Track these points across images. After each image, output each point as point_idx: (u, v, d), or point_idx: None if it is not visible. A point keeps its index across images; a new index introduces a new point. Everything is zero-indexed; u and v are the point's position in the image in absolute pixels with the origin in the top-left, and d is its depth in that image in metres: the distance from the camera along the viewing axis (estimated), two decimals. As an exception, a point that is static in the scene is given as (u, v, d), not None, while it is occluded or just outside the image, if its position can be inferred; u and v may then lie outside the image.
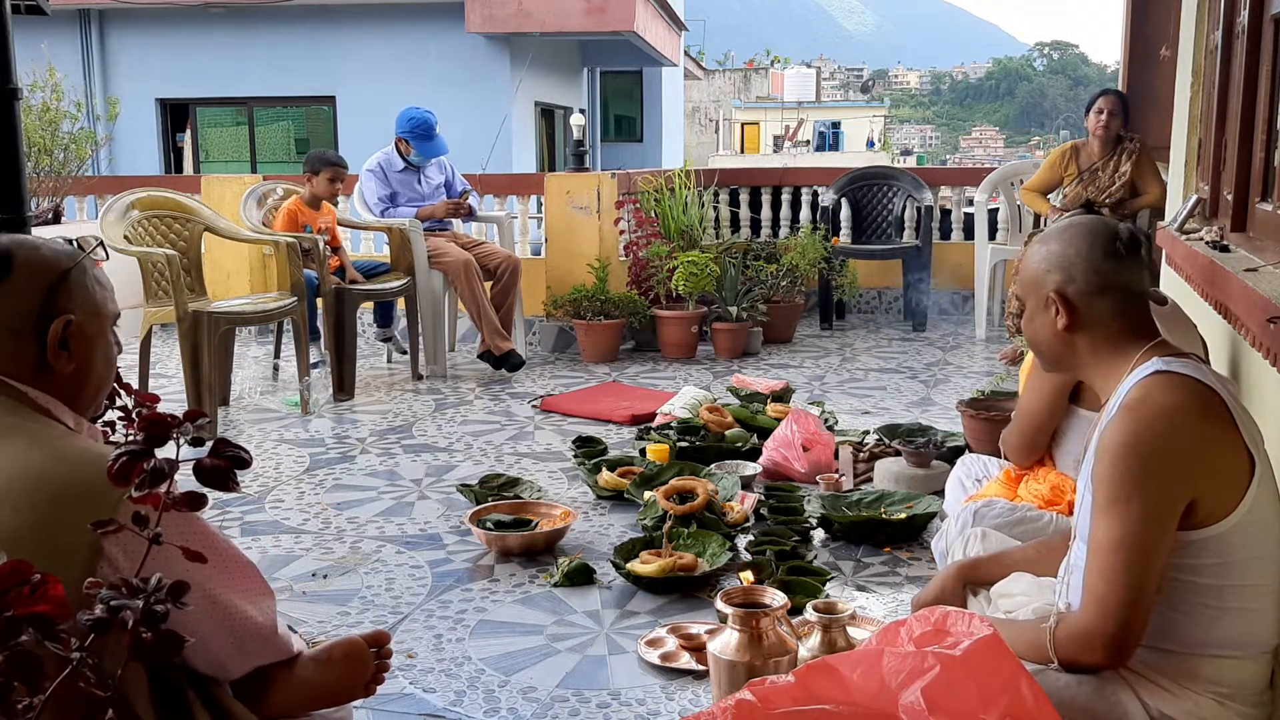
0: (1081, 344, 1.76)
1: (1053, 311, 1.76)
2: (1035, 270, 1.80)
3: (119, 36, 14.30)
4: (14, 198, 2.67)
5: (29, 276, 1.43)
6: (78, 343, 1.45)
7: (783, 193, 8.10)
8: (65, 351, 1.44)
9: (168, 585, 1.02)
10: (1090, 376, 1.80)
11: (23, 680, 0.86)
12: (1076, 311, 1.74)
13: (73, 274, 1.46)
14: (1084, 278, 1.73)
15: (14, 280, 1.42)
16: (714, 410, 4.53)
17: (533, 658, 2.69)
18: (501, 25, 13.34)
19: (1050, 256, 1.77)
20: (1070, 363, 1.81)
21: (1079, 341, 1.76)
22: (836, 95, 77.20)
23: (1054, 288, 1.75)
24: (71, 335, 1.44)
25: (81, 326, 1.45)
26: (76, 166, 6.52)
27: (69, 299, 1.44)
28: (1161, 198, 5.39)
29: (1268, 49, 2.77)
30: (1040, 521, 2.49)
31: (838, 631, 2.29)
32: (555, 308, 6.53)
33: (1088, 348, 1.76)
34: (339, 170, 5.73)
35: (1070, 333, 1.76)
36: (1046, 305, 1.77)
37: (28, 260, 1.43)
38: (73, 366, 1.45)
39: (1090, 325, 1.74)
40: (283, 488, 4.06)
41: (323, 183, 5.69)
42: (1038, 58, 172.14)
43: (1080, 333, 1.75)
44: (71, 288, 1.45)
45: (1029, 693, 1.41)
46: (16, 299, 1.42)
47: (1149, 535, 1.56)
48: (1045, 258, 1.78)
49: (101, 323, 1.50)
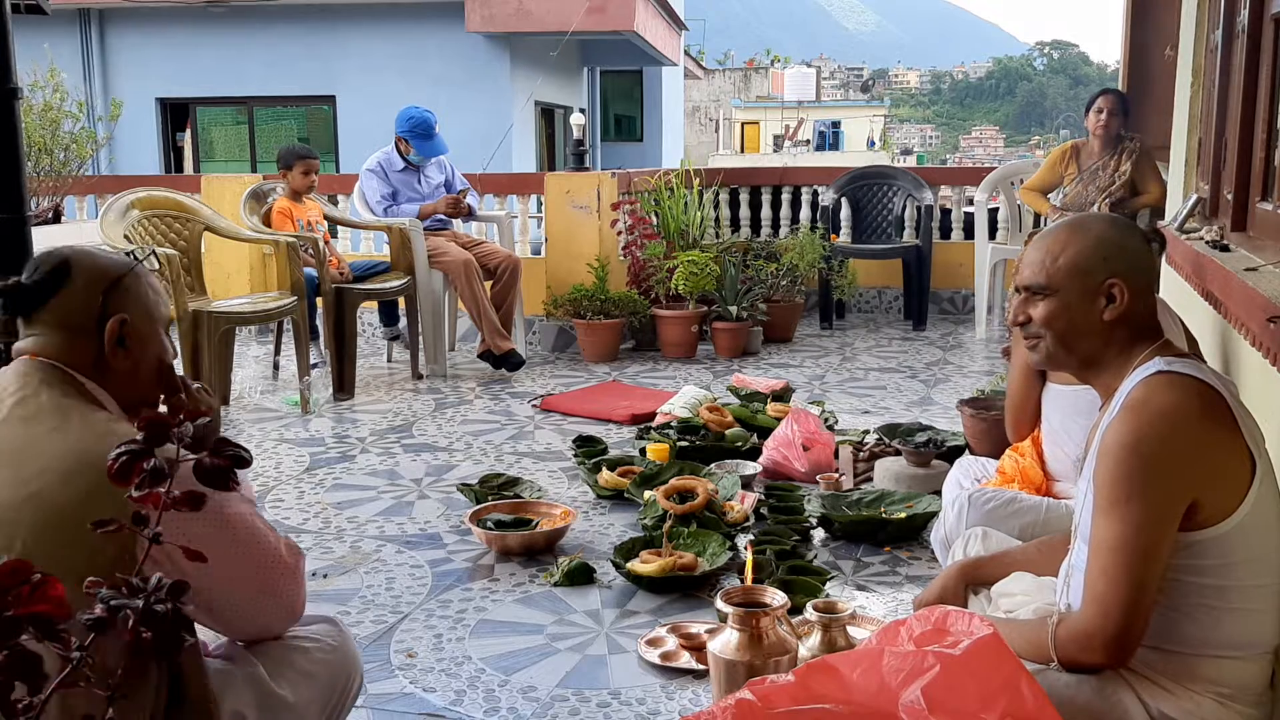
0: (1117, 336, 1.71)
1: (1102, 301, 1.70)
2: (1087, 255, 1.71)
3: (119, 36, 14.29)
4: (14, 197, 2.68)
5: (87, 281, 1.59)
6: (133, 341, 1.60)
7: (783, 192, 8.10)
8: (122, 349, 1.59)
9: (168, 585, 1.02)
10: (1094, 374, 1.76)
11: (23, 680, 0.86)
12: (1131, 302, 1.69)
13: (127, 279, 1.62)
14: (1143, 272, 1.72)
15: (73, 285, 1.58)
16: (714, 410, 4.53)
17: (533, 657, 2.69)
18: (501, 25, 13.34)
19: (1107, 245, 1.71)
20: (1085, 356, 1.75)
21: (1115, 334, 1.71)
22: (836, 95, 77.19)
23: (1114, 275, 1.69)
24: (127, 334, 1.59)
25: (136, 326, 1.60)
26: (77, 166, 6.51)
27: (124, 301, 1.60)
28: (1161, 197, 5.39)
29: (1268, 49, 2.77)
30: (1031, 503, 2.56)
31: (838, 631, 2.30)
32: (555, 307, 6.53)
33: (1117, 341, 1.71)
34: (310, 162, 5.85)
35: (1113, 324, 1.70)
36: (1097, 293, 1.70)
37: (85, 267, 1.60)
38: (129, 363, 1.60)
39: (1130, 319, 1.71)
40: (283, 487, 4.06)
41: (297, 176, 5.82)
42: (1038, 57, 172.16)
43: (1119, 326, 1.71)
44: (126, 291, 1.61)
45: (1029, 692, 1.41)
46: (76, 300, 1.58)
47: (1150, 536, 1.56)
48: (1099, 245, 1.71)
49: (154, 324, 1.65)
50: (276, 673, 1.67)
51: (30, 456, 1.45)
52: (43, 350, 1.56)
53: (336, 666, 1.78)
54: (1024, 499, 2.58)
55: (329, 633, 1.81)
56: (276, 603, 1.64)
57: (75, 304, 1.57)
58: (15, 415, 1.50)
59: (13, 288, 1.58)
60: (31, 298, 1.58)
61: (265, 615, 1.65)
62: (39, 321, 1.58)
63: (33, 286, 1.57)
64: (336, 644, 1.80)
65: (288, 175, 5.83)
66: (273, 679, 1.65)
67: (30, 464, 1.44)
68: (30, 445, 1.46)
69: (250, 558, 1.56)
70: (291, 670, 1.69)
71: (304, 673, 1.71)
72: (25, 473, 1.44)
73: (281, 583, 1.62)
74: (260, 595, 1.61)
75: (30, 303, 1.58)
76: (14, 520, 1.41)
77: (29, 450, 1.46)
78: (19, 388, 1.52)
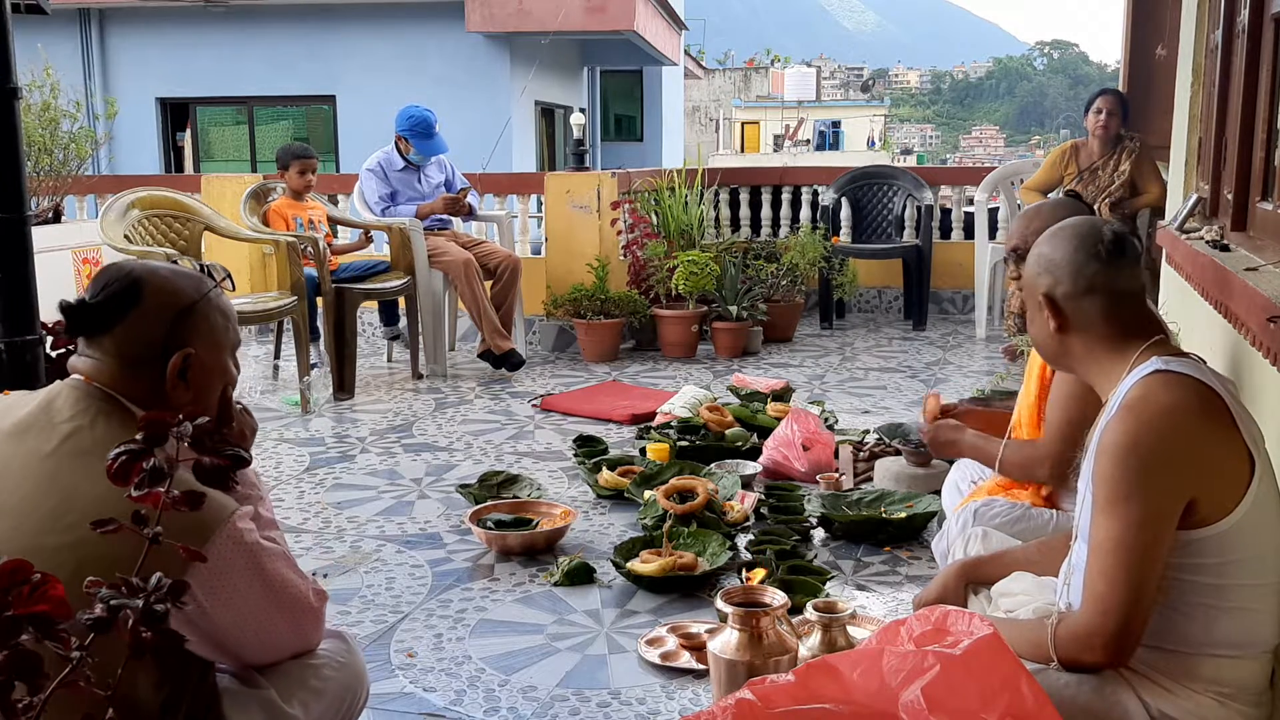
0: (1075, 344, 1.79)
1: (1044, 314, 1.79)
2: (1029, 274, 1.84)
3: (119, 36, 14.29)
4: (14, 197, 2.67)
5: (158, 307, 1.47)
6: (195, 374, 1.50)
7: (783, 192, 8.10)
8: (183, 382, 1.48)
9: (167, 585, 1.02)
10: (1089, 375, 1.80)
11: (23, 680, 0.86)
12: (1064, 314, 1.77)
13: (199, 305, 1.50)
14: (1070, 280, 1.76)
15: (143, 309, 1.47)
16: (714, 409, 4.53)
17: (533, 657, 2.69)
18: (501, 25, 13.34)
19: (1039, 260, 1.81)
20: (1068, 362, 1.83)
21: (1072, 342, 1.79)
22: (837, 94, 77.16)
23: (1043, 290, 1.79)
24: (190, 367, 1.49)
25: (202, 360, 1.50)
26: (76, 166, 6.51)
27: (192, 331, 1.49)
28: (1161, 197, 5.39)
29: (1268, 49, 2.78)
30: (1041, 519, 2.50)
31: (838, 631, 2.29)
32: (555, 307, 6.53)
33: (1082, 348, 1.78)
34: (306, 162, 5.84)
35: (1062, 334, 1.79)
36: (1040, 307, 1.80)
37: (158, 290, 1.48)
38: (189, 396, 1.49)
39: (1080, 327, 1.77)
40: (283, 487, 4.06)
41: (294, 176, 5.82)
42: (1038, 57, 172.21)
43: (1072, 334, 1.78)
44: (196, 320, 1.50)
45: (1029, 692, 1.41)
46: (143, 328, 1.47)
47: (1149, 535, 1.56)
48: (1036, 261, 1.82)
49: (220, 354, 1.54)
50: (288, 693, 1.67)
51: (74, 504, 1.37)
52: (99, 376, 1.46)
53: (345, 682, 1.78)
54: (1033, 513, 2.53)
55: (339, 649, 1.82)
56: (298, 642, 1.67)
57: (140, 332, 1.47)
58: (66, 450, 1.41)
59: (77, 307, 1.47)
60: (97, 319, 1.47)
61: (285, 651, 1.68)
62: (99, 345, 1.47)
63: (97, 307, 1.47)
64: (345, 660, 1.81)
65: (285, 175, 5.84)
66: (284, 700, 1.65)
67: (72, 512, 1.36)
68: (76, 491, 1.38)
69: (282, 610, 1.57)
70: (302, 690, 1.70)
71: (314, 690, 1.71)
72: (67, 520, 1.35)
73: (306, 626, 1.65)
74: (287, 637, 1.63)
75: (95, 324, 1.47)
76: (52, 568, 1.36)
77: (74, 496, 1.37)
78: (71, 416, 1.43)
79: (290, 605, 1.57)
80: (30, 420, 1.45)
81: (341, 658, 1.81)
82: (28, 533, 1.36)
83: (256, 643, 1.57)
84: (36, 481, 1.39)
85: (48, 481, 1.39)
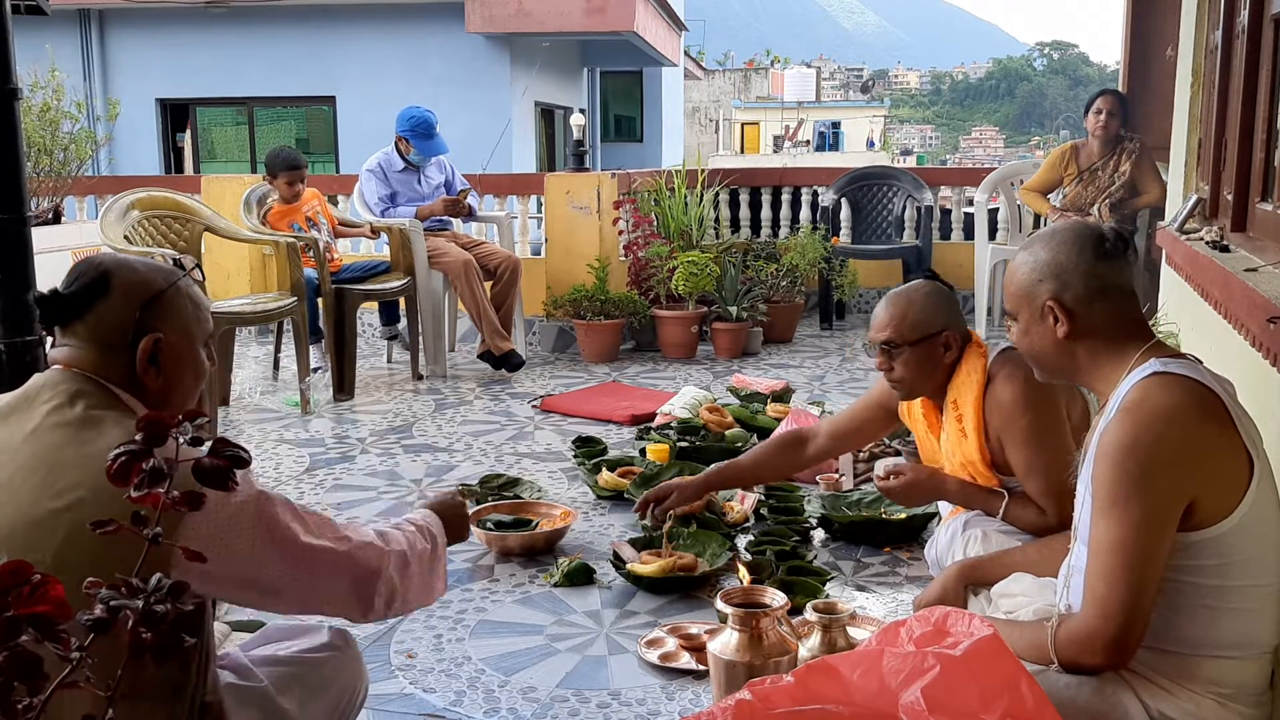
0: (1081, 351, 1.73)
1: (1050, 321, 1.73)
2: (1026, 281, 1.76)
3: (119, 36, 14.29)
4: (14, 198, 2.67)
5: (127, 294, 1.54)
6: (166, 359, 1.55)
7: (783, 193, 8.10)
8: (154, 367, 1.54)
9: (168, 585, 1.02)
10: (1089, 381, 1.78)
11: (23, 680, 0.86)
12: (1076, 318, 1.71)
13: (167, 294, 1.56)
14: (1081, 282, 1.71)
15: (111, 299, 1.53)
16: (714, 410, 4.53)
17: (533, 658, 2.69)
18: (501, 25, 13.35)
19: (1041, 265, 1.74)
20: (1070, 371, 1.78)
21: (1079, 349, 1.73)
22: (836, 95, 77.15)
23: (1050, 296, 1.72)
24: (161, 352, 1.54)
25: (171, 344, 1.55)
26: (76, 166, 6.51)
27: (161, 317, 1.55)
28: (1161, 197, 5.39)
29: (1268, 49, 2.78)
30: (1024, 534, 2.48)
31: (838, 631, 2.29)
32: (555, 308, 6.53)
33: (1087, 354, 1.73)
34: (295, 173, 5.74)
35: (1071, 340, 1.73)
36: (1043, 315, 1.74)
37: (127, 279, 1.55)
38: (161, 381, 1.55)
39: (1089, 331, 1.72)
40: (283, 487, 4.06)
41: (282, 186, 5.73)
42: (1038, 58, 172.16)
43: (1080, 340, 1.73)
44: (164, 307, 1.56)
45: (1029, 693, 1.41)
46: (114, 314, 1.53)
47: (1149, 537, 1.56)
48: (1035, 267, 1.75)
49: (191, 341, 1.59)
50: (283, 688, 1.67)
51: (62, 471, 1.42)
52: (76, 362, 1.53)
53: (344, 679, 1.79)
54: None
55: (338, 645, 1.82)
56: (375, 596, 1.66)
57: (110, 318, 1.53)
58: (48, 424, 1.47)
59: (49, 297, 1.54)
60: (67, 308, 1.53)
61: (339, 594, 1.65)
62: (73, 333, 1.54)
63: (69, 297, 1.53)
64: (344, 656, 1.81)
65: (274, 182, 5.74)
66: (279, 694, 1.65)
67: (62, 478, 1.42)
68: (62, 458, 1.43)
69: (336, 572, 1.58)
70: (299, 685, 1.70)
71: (310, 687, 1.71)
72: (57, 486, 1.41)
73: (373, 584, 1.63)
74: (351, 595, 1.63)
75: (66, 313, 1.54)
76: (46, 535, 1.39)
77: (61, 464, 1.43)
78: (51, 397, 1.49)
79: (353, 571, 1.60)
80: (12, 405, 1.52)
81: (341, 654, 1.81)
82: (23, 505, 1.42)
83: (325, 603, 1.61)
84: (24, 458, 1.45)
85: (33, 456, 1.44)
